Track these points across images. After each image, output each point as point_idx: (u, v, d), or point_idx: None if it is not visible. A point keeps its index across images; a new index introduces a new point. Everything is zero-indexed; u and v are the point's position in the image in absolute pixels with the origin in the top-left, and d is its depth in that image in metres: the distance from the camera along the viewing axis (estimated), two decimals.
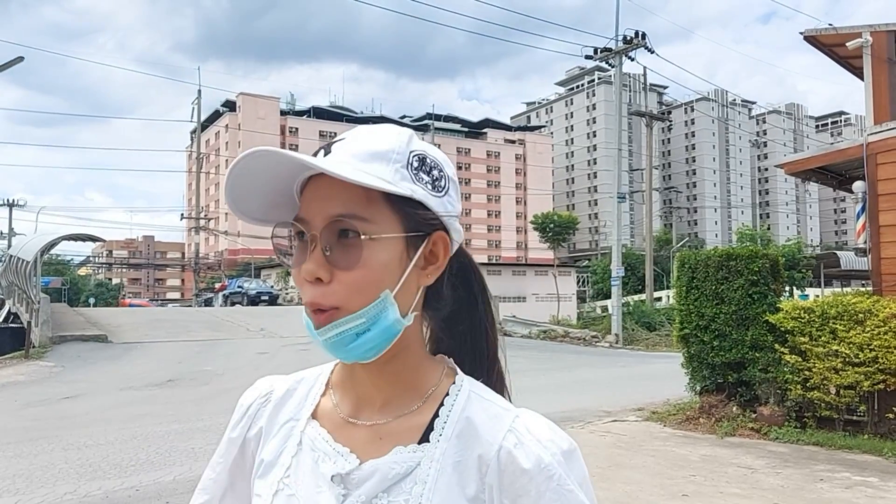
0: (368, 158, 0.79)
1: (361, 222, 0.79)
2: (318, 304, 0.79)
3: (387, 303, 0.81)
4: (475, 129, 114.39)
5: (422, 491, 0.80)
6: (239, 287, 41.02)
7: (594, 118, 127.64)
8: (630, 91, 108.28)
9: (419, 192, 0.81)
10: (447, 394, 0.87)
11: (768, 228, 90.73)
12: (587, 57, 28.50)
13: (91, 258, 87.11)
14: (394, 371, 0.86)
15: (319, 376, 0.95)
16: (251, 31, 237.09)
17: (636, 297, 37.48)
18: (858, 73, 9.82)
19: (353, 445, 0.85)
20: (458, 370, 0.91)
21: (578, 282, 49.00)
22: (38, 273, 22.90)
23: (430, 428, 0.85)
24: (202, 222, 55.28)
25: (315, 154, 0.82)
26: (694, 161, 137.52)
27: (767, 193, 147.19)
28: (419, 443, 0.84)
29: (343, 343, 0.80)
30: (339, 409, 0.89)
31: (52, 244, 26.52)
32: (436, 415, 0.85)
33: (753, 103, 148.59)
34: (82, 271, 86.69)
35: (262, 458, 0.91)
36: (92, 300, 63.07)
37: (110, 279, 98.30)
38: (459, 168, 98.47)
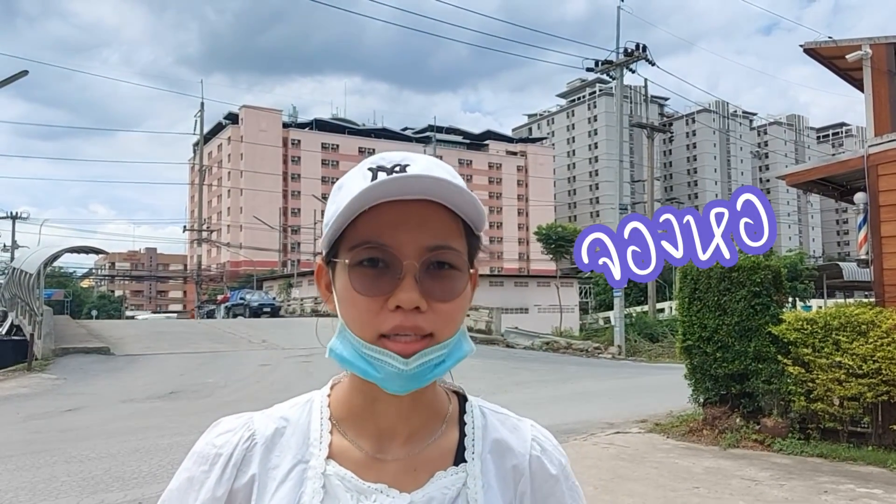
0: None
1: (458, 255, 0.80)
2: (420, 327, 0.76)
3: (462, 334, 0.83)
4: (477, 141, 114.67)
5: None
6: (241, 299, 41.00)
7: (595, 130, 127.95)
8: (631, 103, 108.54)
9: (482, 224, 0.84)
10: (464, 412, 0.90)
11: None
12: (588, 69, 28.68)
13: (94, 270, 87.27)
14: (423, 400, 0.86)
15: (312, 412, 0.89)
16: (255, 44, 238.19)
17: (639, 309, 37.43)
18: (859, 84, 9.86)
19: (387, 481, 0.83)
20: (460, 388, 0.94)
21: (581, 293, 48.96)
22: (41, 285, 22.90)
23: (461, 447, 0.87)
24: (204, 234, 55.39)
25: (375, 176, 0.79)
26: (695, 172, 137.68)
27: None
28: (456, 464, 0.86)
29: (423, 374, 0.78)
30: (358, 447, 0.85)
31: (55, 257, 26.53)
32: (462, 434, 0.88)
33: (754, 115, 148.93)
34: (85, 284, 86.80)
35: None
36: (95, 312, 63.15)
37: (113, 291, 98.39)
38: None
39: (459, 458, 0.86)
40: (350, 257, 0.78)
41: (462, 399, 0.93)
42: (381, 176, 0.78)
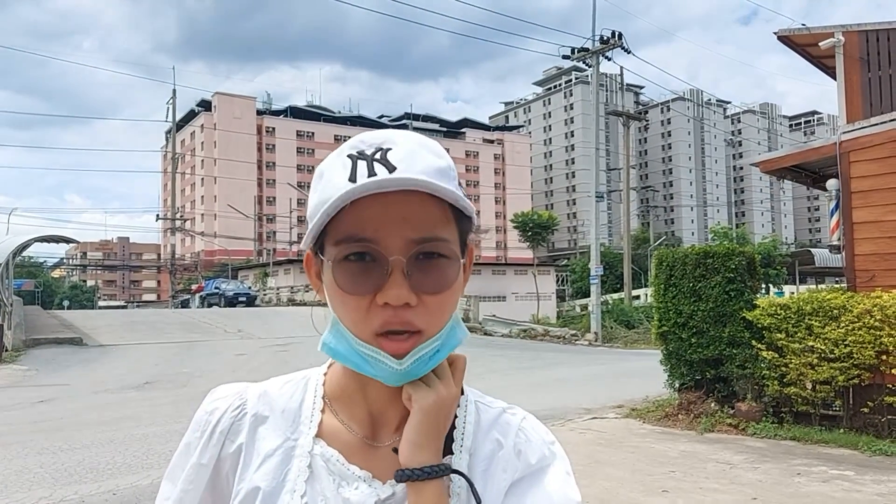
0: (440, 176, 0.75)
1: (446, 245, 0.76)
2: (410, 322, 0.74)
3: (455, 322, 0.81)
4: (454, 129, 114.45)
5: None
6: (216, 288, 40.55)
7: (571, 118, 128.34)
8: (607, 91, 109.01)
9: (470, 208, 0.79)
10: (457, 404, 0.87)
11: (743, 226, 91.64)
12: (564, 57, 28.62)
13: (65, 260, 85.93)
14: None
15: (307, 388, 0.87)
16: (235, 31, 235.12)
17: (615, 296, 37.78)
18: (831, 72, 9.96)
19: (373, 468, 0.81)
20: None
21: (558, 281, 49.26)
22: (11, 275, 22.54)
23: (449, 439, 0.84)
24: (178, 223, 54.73)
25: (355, 166, 0.74)
26: (670, 160, 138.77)
27: (743, 192, 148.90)
28: (442, 456, 0.82)
29: (418, 368, 0.76)
30: (349, 429, 0.83)
31: (25, 246, 26.12)
32: (453, 426, 0.85)
33: (728, 103, 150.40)
34: (56, 273, 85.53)
35: (255, 485, 0.81)
36: (66, 303, 62.30)
37: (84, 281, 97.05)
38: None
39: (446, 451, 0.83)
40: (334, 253, 0.75)
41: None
42: (361, 165, 0.74)
